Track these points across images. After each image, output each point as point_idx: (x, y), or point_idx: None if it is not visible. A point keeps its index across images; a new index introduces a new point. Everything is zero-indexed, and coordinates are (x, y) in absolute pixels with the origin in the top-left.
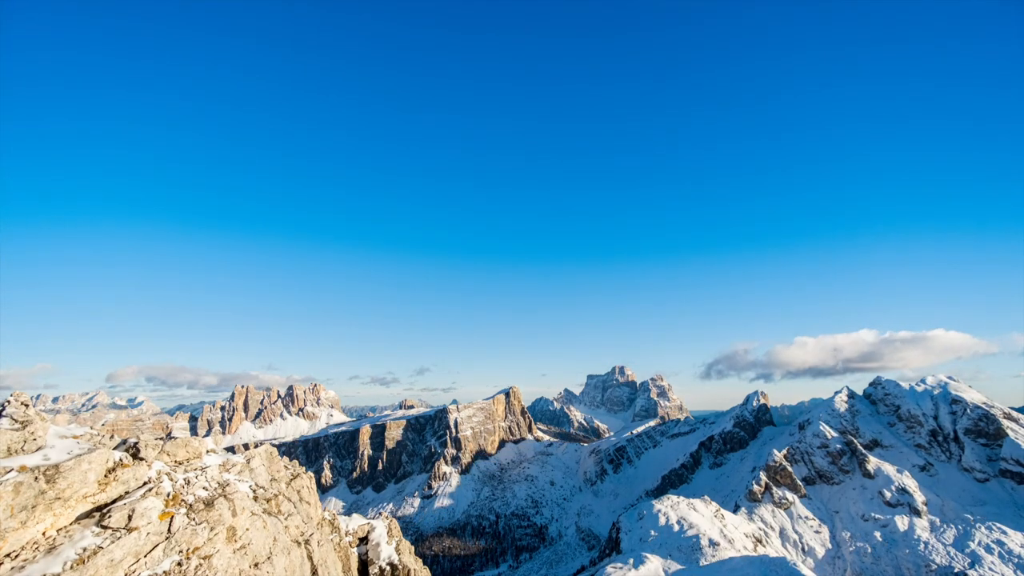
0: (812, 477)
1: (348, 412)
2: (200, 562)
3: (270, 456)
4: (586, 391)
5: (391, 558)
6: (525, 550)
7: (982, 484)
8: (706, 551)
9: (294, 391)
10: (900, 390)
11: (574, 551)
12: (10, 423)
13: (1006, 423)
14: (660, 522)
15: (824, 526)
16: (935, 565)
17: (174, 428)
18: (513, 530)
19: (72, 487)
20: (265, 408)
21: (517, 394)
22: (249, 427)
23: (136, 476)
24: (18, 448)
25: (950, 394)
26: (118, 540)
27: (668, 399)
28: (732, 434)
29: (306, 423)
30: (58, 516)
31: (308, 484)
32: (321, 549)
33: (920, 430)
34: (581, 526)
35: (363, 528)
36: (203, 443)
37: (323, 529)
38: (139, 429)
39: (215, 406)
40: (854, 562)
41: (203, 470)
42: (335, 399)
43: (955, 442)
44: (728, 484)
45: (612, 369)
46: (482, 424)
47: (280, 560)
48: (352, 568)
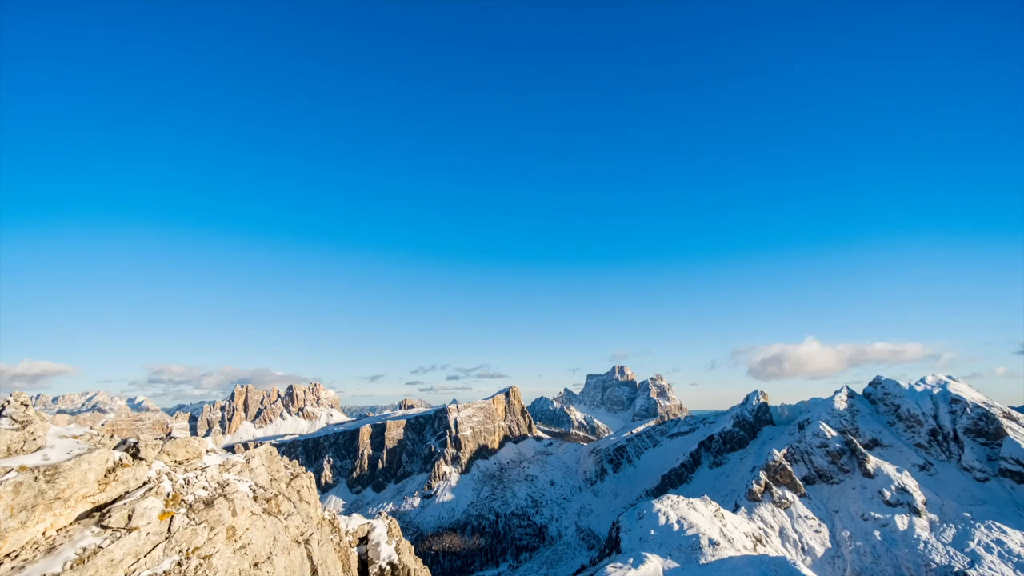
0: (812, 476)
1: (348, 412)
2: (200, 562)
3: (270, 456)
4: (586, 391)
5: (391, 558)
6: (525, 550)
7: (982, 483)
8: (706, 550)
9: (294, 391)
10: (900, 389)
11: (574, 551)
12: (10, 423)
13: (1006, 422)
14: (660, 522)
15: (824, 525)
16: (935, 564)
17: (174, 428)
18: (513, 530)
19: (72, 487)
20: (265, 408)
21: (517, 394)
22: (249, 427)
23: (136, 476)
24: (18, 448)
25: (950, 393)
26: (118, 540)
27: (668, 399)
28: (732, 434)
29: (306, 423)
30: (58, 516)
31: (308, 484)
32: (321, 549)
33: (920, 429)
34: (581, 526)
35: (363, 528)
36: (203, 443)
37: (323, 529)
38: (139, 429)
39: (215, 406)
40: (854, 561)
41: (203, 470)
42: (335, 399)
43: (955, 441)
44: (728, 484)
45: (612, 369)
46: (482, 424)
47: (280, 560)
48: (352, 568)
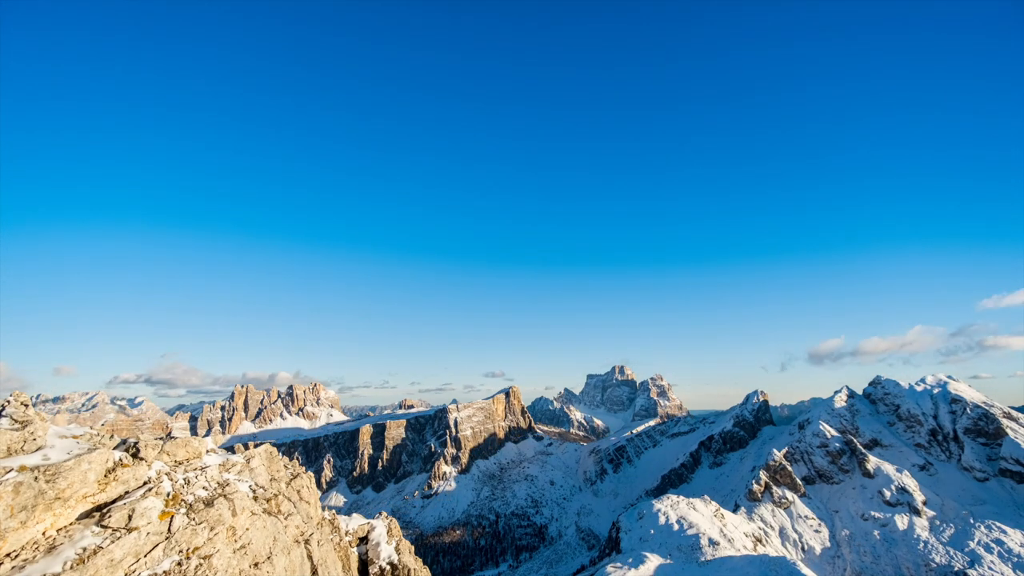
0: (812, 476)
1: (348, 412)
2: (200, 562)
3: (270, 456)
4: (586, 391)
5: (391, 558)
6: (525, 550)
7: (982, 483)
8: (706, 550)
9: (294, 391)
10: (900, 389)
11: (574, 551)
12: (10, 423)
13: (1006, 422)
14: (660, 521)
15: (824, 525)
16: (935, 564)
17: (174, 428)
18: (513, 530)
19: (72, 487)
20: (265, 408)
21: (517, 394)
22: (249, 427)
23: (136, 476)
24: (18, 448)
25: (950, 393)
26: (118, 540)
27: (668, 399)
28: (732, 433)
29: (306, 423)
30: (58, 516)
31: (308, 484)
32: (321, 549)
33: (920, 429)
34: (581, 526)
35: (363, 528)
36: (203, 443)
37: (323, 529)
38: (139, 429)
39: (215, 406)
40: (854, 561)
41: (203, 470)
42: (335, 399)
43: (955, 441)
44: (728, 483)
45: (612, 369)
46: (482, 424)
47: (280, 560)
48: (352, 568)
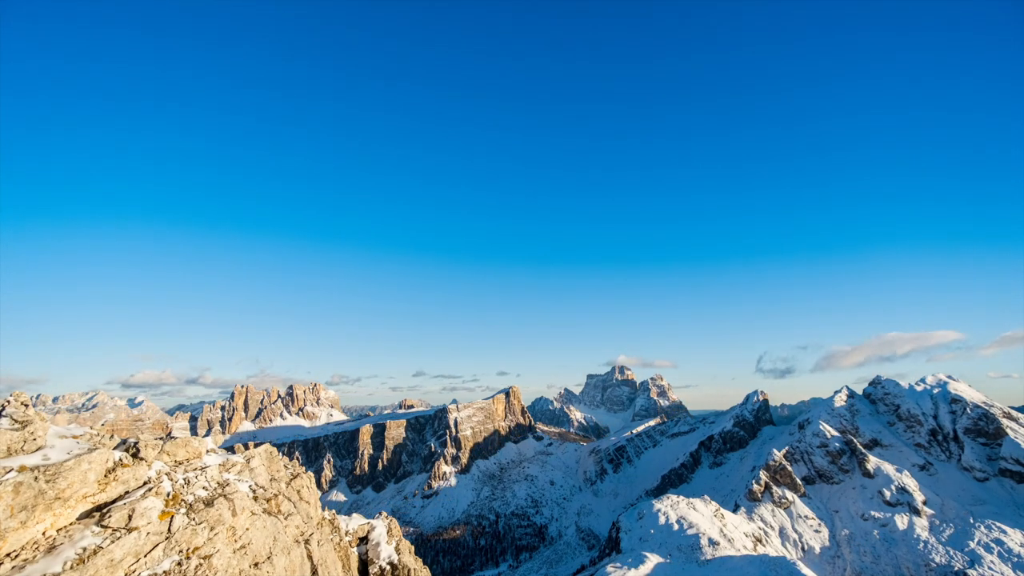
0: (812, 476)
1: (348, 412)
2: (200, 562)
3: (270, 456)
4: (586, 391)
5: (391, 558)
6: (525, 550)
7: (982, 483)
8: (706, 550)
9: (294, 391)
10: (900, 389)
11: (574, 551)
12: (10, 423)
13: (1006, 422)
14: (660, 521)
15: (824, 525)
16: (935, 564)
17: (174, 428)
18: (513, 530)
19: (72, 487)
20: (265, 408)
21: (517, 394)
22: (249, 427)
23: (136, 476)
24: (18, 448)
25: (950, 393)
26: (118, 540)
27: (668, 399)
28: (732, 433)
29: (306, 423)
30: (58, 516)
31: (308, 484)
32: (321, 549)
33: (920, 429)
34: (581, 526)
35: (363, 528)
36: (203, 443)
37: (323, 529)
38: (139, 429)
39: (215, 406)
40: (854, 561)
41: (203, 470)
42: (335, 399)
43: (955, 441)
44: (728, 483)
45: (612, 369)
46: (482, 424)
47: (280, 560)
48: (352, 568)
